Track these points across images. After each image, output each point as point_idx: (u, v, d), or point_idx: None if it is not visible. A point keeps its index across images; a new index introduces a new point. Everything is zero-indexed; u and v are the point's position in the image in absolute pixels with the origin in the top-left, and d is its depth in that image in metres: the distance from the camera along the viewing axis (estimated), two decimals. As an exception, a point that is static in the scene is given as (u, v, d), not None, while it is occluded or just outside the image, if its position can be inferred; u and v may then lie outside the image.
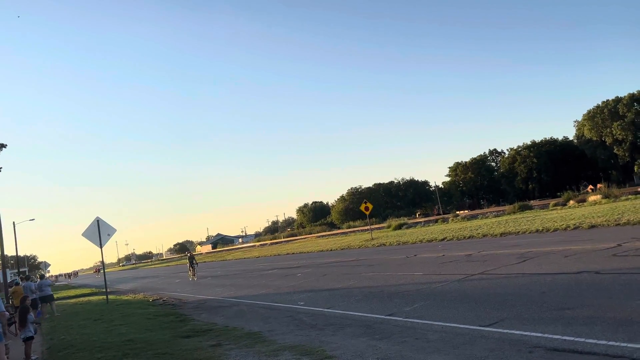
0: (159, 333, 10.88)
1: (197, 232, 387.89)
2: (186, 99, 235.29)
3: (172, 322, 12.67)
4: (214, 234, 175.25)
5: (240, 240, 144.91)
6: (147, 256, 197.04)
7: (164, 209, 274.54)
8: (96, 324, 13.91)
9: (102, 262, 23.56)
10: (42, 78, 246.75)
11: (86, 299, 27.50)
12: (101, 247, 20.15)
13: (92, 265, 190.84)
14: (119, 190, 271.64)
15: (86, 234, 20.15)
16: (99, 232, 19.97)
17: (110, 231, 20.63)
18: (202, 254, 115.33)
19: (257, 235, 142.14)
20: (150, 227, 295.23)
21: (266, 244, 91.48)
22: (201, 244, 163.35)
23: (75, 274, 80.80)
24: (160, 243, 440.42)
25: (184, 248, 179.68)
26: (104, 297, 21.64)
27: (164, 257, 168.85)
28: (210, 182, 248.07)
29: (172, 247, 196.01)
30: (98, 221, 20.13)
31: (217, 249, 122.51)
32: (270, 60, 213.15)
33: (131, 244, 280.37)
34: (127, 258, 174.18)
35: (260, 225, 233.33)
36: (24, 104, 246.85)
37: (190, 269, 30.53)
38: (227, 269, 37.88)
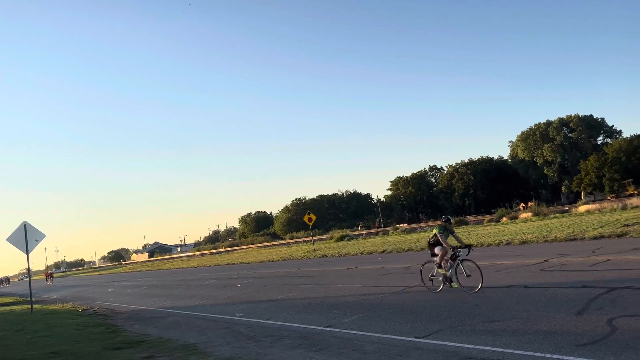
0: (88, 345, 10.33)
1: (133, 240, 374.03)
2: (121, 104, 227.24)
3: (102, 333, 12.08)
4: (152, 243, 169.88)
5: (178, 249, 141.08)
6: (79, 264, 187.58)
7: (99, 215, 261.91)
8: (18, 335, 13.02)
9: (29, 269, 22.20)
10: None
11: (8, 308, 25.73)
12: (27, 254, 18.97)
13: (17, 272, 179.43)
14: (49, 194, 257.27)
15: (11, 239, 18.92)
16: (25, 237, 18.81)
17: (39, 236, 19.49)
18: (137, 262, 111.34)
19: (197, 245, 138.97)
20: (83, 234, 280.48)
21: (206, 253, 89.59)
22: (137, 252, 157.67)
23: (7, 280, 71.09)
24: (94, 250, 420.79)
25: (118, 256, 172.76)
26: (29, 306, 20.35)
27: (97, 265, 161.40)
28: (149, 189, 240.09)
29: (106, 254, 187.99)
30: (25, 226, 18.97)
31: (154, 258, 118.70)
32: (213, 69, 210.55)
33: (62, 250, 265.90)
34: (57, 265, 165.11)
35: (200, 234, 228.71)
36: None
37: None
38: (163, 278, 36.70)
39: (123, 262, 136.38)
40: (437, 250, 11.27)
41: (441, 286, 11.02)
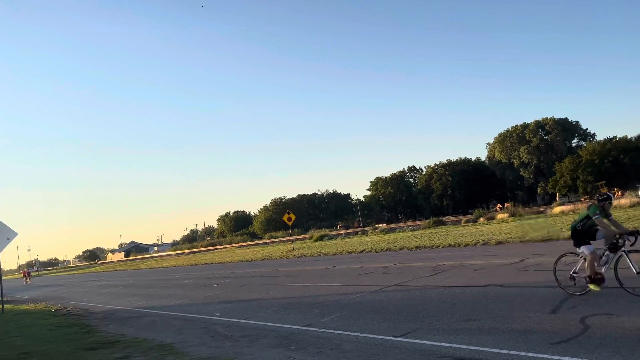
0: (61, 345, 10.12)
1: (109, 239, 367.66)
2: (96, 100, 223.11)
3: (76, 333, 11.85)
4: (128, 242, 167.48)
5: (155, 248, 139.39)
6: (52, 263, 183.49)
7: (74, 213, 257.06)
8: (-12, 336, 12.70)
9: None
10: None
11: (-22, 308, 25.07)
12: (-1, 252, 18.48)
13: None
14: (20, 191, 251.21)
15: (-18, 238, 18.40)
16: (-4, 235, 18.31)
17: (11, 235, 18.99)
18: (113, 262, 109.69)
19: (175, 244, 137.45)
20: (57, 233, 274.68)
21: (183, 253, 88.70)
22: (113, 251, 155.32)
23: None
24: (68, 249, 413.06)
25: (93, 255, 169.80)
26: None
27: (72, 265, 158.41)
28: (126, 188, 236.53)
29: (80, 254, 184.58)
30: (-4, 223, 18.48)
31: (131, 258, 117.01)
32: (191, 66, 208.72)
33: (35, 249, 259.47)
34: (30, 265, 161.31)
35: (178, 233, 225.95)
36: None
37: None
38: (140, 278, 36.20)
39: (98, 262, 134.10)
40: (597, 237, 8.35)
41: (589, 288, 8.20)
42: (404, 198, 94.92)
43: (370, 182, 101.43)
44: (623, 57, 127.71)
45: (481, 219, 40.23)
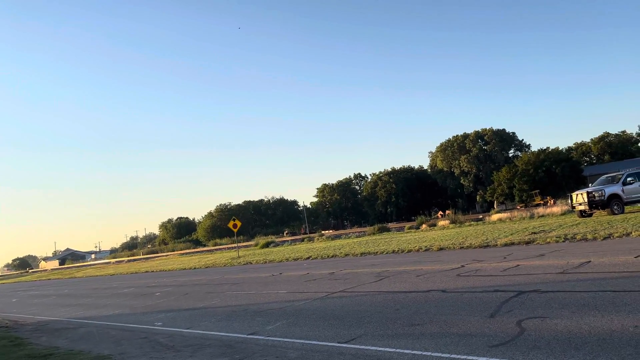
0: (-14, 361, 9.47)
1: (42, 246, 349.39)
2: (25, 97, 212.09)
3: (5, 346, 11.12)
4: (63, 249, 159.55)
5: (93, 256, 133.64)
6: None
7: (3, 217, 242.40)
8: None
9: None
10: None
11: None
12: None
13: None
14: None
15: None
16: None
17: None
18: (46, 270, 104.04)
19: (113, 252, 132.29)
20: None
21: (123, 260, 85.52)
22: (46, 259, 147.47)
23: None
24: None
25: (24, 264, 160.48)
26: None
27: (0, 274, 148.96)
28: (61, 191, 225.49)
29: (10, 262, 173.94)
30: None
31: (66, 266, 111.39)
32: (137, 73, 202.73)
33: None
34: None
35: (117, 241, 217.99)
36: None
37: None
38: (76, 287, 34.53)
39: (30, 270, 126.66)
40: None
41: None
42: (350, 205, 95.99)
43: (317, 188, 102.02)
44: (557, 73, 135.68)
45: (423, 225, 41.28)
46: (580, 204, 25.84)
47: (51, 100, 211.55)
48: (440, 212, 64.63)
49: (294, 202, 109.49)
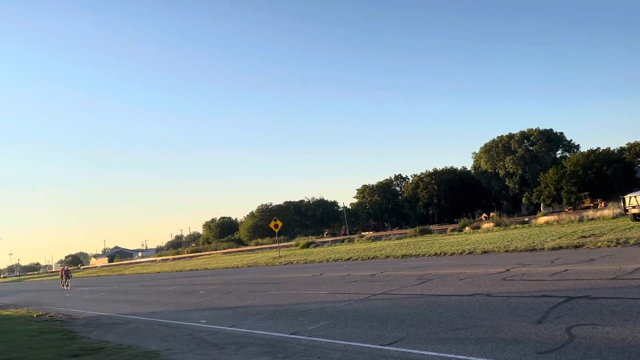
0: (43, 352, 9.94)
1: (92, 244, 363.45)
2: (80, 101, 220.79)
3: (59, 339, 11.65)
4: (112, 247, 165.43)
5: (140, 254, 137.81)
6: (34, 268, 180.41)
7: (57, 217, 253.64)
8: (-33, 342, 12.43)
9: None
10: None
11: (-43, 314, 24.55)
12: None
13: None
14: (4, 194, 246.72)
15: (-38, 241, 18.08)
16: (-22, 239, 18.01)
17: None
18: (96, 267, 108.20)
19: (159, 250, 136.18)
20: (39, 237, 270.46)
21: (168, 259, 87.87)
22: (96, 256, 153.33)
23: None
24: (50, 254, 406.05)
25: (76, 260, 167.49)
26: (-21, 312, 19.49)
27: (54, 270, 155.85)
28: (110, 191, 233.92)
29: (63, 258, 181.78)
30: (-22, 227, 18.17)
31: (114, 263, 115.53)
32: (188, 67, 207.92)
33: (16, 254, 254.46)
34: (10, 269, 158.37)
35: (162, 239, 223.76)
36: None
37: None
38: (124, 284, 35.76)
39: (81, 267, 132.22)
40: None
41: None
42: (390, 206, 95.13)
43: (357, 189, 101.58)
44: (608, 71, 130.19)
45: (467, 228, 40.49)
46: (634, 207, 24.70)
47: (109, 102, 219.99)
48: (484, 215, 63.17)
49: (334, 203, 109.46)
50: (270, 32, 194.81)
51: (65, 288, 37.90)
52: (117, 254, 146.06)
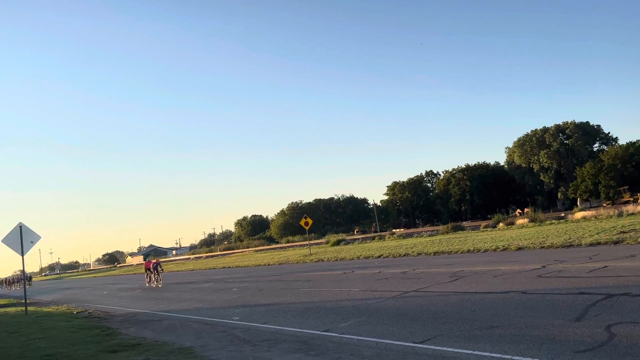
0: (83, 347, 10.26)
1: (128, 242, 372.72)
2: (118, 105, 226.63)
3: (98, 335, 12.00)
4: (147, 245, 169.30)
5: (174, 252, 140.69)
6: (73, 266, 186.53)
7: (94, 217, 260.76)
8: (12, 338, 12.92)
9: (23, 271, 22.06)
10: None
11: (2, 310, 25.57)
12: (23, 255, 18.89)
13: (11, 274, 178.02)
14: (45, 195, 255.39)
15: (7, 241, 18.84)
16: (21, 239, 18.73)
17: (34, 238, 19.41)
18: (132, 265, 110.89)
19: (192, 248, 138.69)
20: (77, 236, 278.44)
21: (201, 256, 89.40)
22: (132, 255, 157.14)
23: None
24: (88, 253, 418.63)
25: (113, 258, 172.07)
26: (23, 308, 20.24)
27: (92, 268, 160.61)
28: (145, 191, 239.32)
29: (100, 257, 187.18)
30: (21, 227, 18.89)
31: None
32: (209, 70, 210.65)
33: (56, 252, 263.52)
34: (51, 268, 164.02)
35: (196, 237, 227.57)
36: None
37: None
38: (159, 281, 36.46)
39: (118, 265, 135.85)
40: None
41: None
42: (421, 203, 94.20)
43: (387, 186, 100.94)
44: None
45: (500, 224, 39.78)
46: (676, 201, 23.79)
47: (135, 104, 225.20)
48: (519, 210, 61.97)
49: (364, 200, 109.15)
50: (304, 27, 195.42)
51: (152, 285, 28.78)
52: (152, 252, 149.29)
